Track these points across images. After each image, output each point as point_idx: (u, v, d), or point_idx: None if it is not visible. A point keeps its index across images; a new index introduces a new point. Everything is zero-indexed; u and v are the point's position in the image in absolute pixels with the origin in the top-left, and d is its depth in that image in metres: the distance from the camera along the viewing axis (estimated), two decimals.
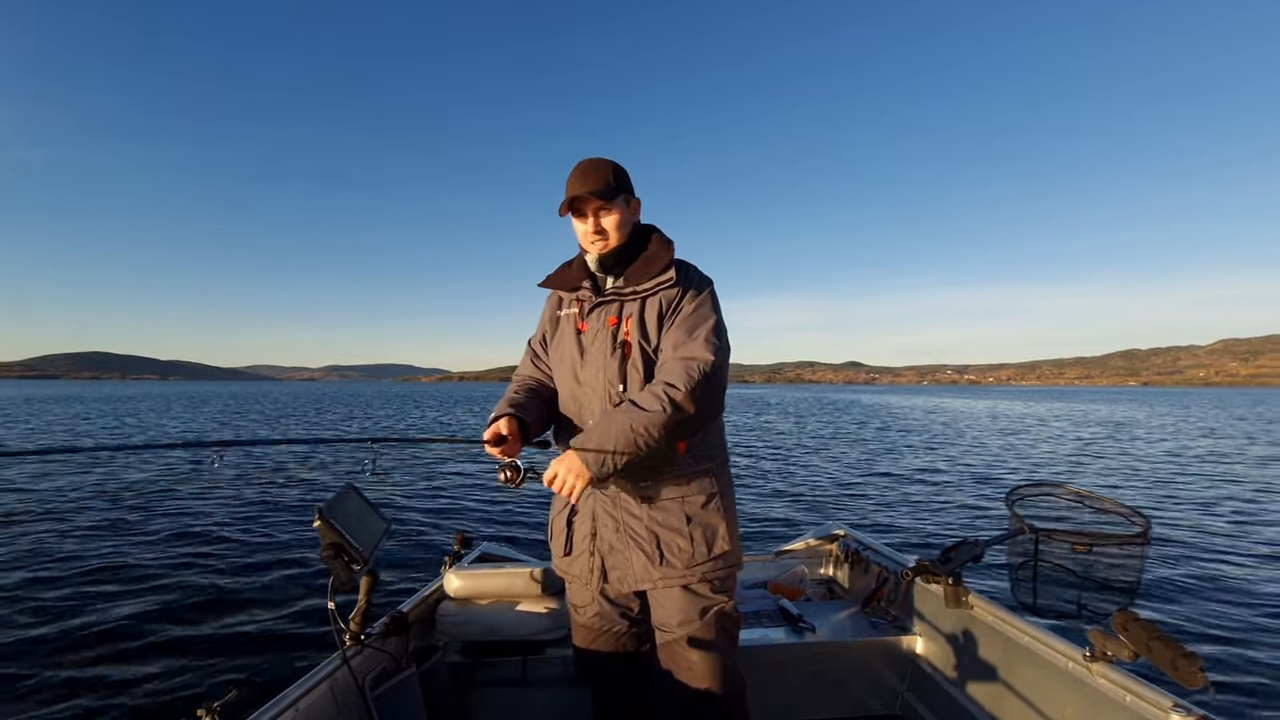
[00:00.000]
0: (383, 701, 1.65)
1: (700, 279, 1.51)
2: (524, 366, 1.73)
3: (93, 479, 9.52)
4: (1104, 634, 1.49)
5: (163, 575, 4.89)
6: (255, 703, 1.35)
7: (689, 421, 1.34)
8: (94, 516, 6.87)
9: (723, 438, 1.58)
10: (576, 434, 1.44)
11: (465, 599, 2.14)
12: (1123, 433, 20.35)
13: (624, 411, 1.35)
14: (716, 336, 1.40)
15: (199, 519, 6.86)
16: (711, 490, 1.49)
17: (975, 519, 7.19)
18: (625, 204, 1.52)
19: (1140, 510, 1.74)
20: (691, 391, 1.32)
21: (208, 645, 3.60)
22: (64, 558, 5.30)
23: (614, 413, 1.38)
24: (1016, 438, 18.23)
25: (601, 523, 1.53)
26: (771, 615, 2.40)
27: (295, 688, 1.45)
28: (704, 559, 1.45)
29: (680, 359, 1.38)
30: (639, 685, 1.66)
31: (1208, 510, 7.64)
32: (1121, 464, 12.32)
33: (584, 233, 1.52)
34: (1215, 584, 4.80)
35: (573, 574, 1.62)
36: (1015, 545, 1.85)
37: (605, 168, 1.50)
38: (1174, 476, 10.56)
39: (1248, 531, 6.56)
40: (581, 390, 1.52)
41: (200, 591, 4.50)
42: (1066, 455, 13.95)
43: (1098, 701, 1.49)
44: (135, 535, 6.12)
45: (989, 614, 1.93)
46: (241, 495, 8.31)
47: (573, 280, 1.59)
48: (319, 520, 1.51)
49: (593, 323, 1.53)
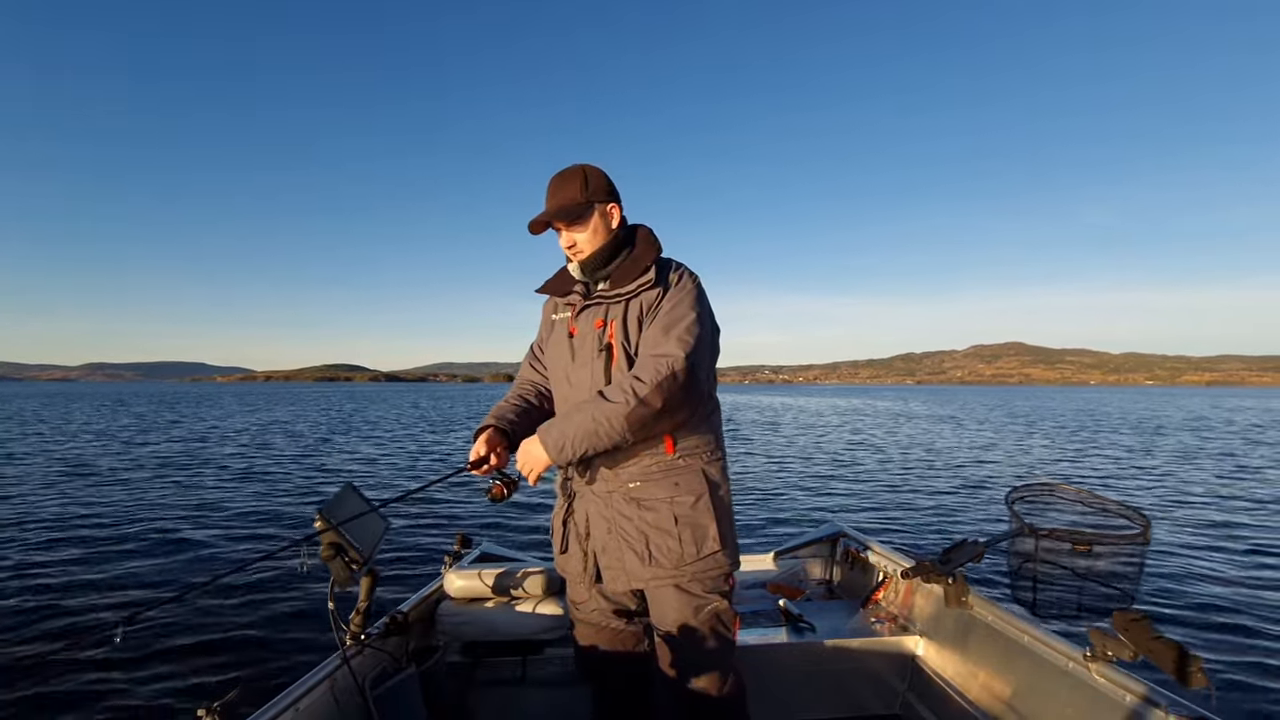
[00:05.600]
0: (383, 701, 1.65)
1: (682, 277, 1.51)
2: (523, 370, 1.78)
3: (87, 481, 9.52)
4: (1104, 634, 1.49)
5: (162, 575, 4.90)
6: (255, 703, 1.35)
7: (653, 416, 1.35)
8: (88, 516, 6.87)
9: (715, 437, 1.56)
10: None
11: (465, 599, 2.14)
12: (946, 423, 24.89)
13: (590, 402, 1.39)
14: (690, 334, 1.40)
15: (199, 518, 6.86)
16: (701, 490, 1.48)
17: (947, 516, 7.25)
18: (597, 214, 1.52)
19: (1140, 510, 1.74)
20: (658, 386, 1.34)
21: (208, 645, 3.60)
22: (63, 558, 5.30)
23: (581, 403, 1.42)
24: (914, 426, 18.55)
25: (594, 522, 1.55)
26: (771, 615, 2.40)
27: (295, 688, 1.45)
28: (693, 559, 1.45)
29: (651, 356, 1.40)
30: (638, 684, 1.66)
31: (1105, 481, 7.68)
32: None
33: (561, 246, 1.56)
34: (1215, 584, 4.80)
35: (569, 571, 1.65)
36: (1015, 545, 1.85)
37: (573, 182, 1.51)
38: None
39: (1247, 531, 6.57)
40: (573, 392, 1.55)
41: (199, 591, 4.51)
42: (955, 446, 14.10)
43: (1098, 701, 1.49)
44: (135, 535, 6.12)
45: (989, 614, 1.93)
46: (242, 495, 8.32)
47: (565, 285, 1.62)
48: (319, 520, 1.51)
49: (582, 325, 1.55)
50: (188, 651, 3.52)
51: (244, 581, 4.62)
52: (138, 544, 5.79)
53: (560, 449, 1.39)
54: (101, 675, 3.23)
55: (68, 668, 3.31)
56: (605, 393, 1.39)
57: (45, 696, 3.06)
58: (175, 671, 3.30)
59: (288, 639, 3.70)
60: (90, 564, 5.14)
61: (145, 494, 8.36)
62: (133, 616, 1.07)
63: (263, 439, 16.66)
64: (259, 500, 8.04)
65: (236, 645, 3.61)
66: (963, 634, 2.02)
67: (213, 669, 3.34)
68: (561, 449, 1.39)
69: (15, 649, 3.53)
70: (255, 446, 14.65)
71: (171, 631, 3.77)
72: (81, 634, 3.43)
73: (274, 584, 4.60)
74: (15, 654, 3.47)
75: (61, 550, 5.54)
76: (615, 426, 1.35)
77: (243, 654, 3.51)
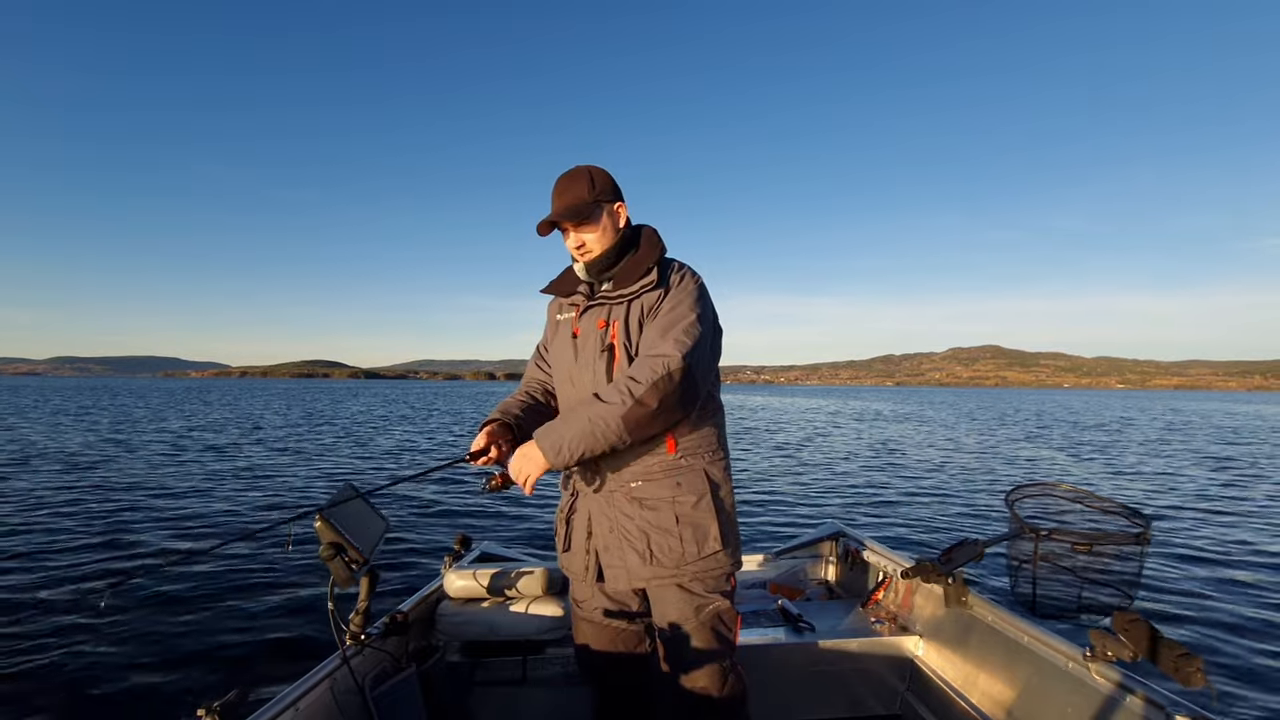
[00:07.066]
0: (383, 701, 1.65)
1: (684, 277, 1.51)
2: (530, 370, 1.79)
3: (77, 476, 9.52)
4: (1104, 634, 1.49)
5: (162, 575, 4.89)
6: (255, 703, 1.35)
7: (650, 417, 1.35)
8: (88, 517, 6.87)
9: (718, 437, 1.57)
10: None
11: (465, 599, 2.14)
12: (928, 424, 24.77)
13: (585, 404, 1.39)
14: (688, 335, 1.40)
15: (198, 518, 6.86)
16: (703, 490, 1.48)
17: (959, 516, 7.24)
18: (605, 213, 1.53)
19: (1140, 510, 1.74)
20: (653, 386, 1.33)
21: (208, 645, 3.60)
22: (61, 558, 5.30)
23: (577, 406, 1.42)
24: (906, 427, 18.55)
25: (596, 521, 1.55)
26: (771, 615, 2.40)
27: (295, 688, 1.45)
28: (694, 559, 1.46)
29: (648, 356, 1.39)
30: (639, 684, 1.66)
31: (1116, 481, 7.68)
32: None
33: (569, 247, 1.56)
34: (1215, 584, 4.80)
35: (572, 570, 1.65)
36: (1015, 545, 1.85)
37: (580, 182, 1.52)
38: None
39: (1248, 532, 6.57)
40: (575, 392, 1.56)
41: (200, 591, 4.50)
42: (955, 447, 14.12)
43: (1098, 701, 1.49)
44: (134, 535, 6.12)
45: (989, 614, 1.93)
46: (241, 494, 8.31)
47: (570, 285, 1.63)
48: (319, 520, 1.50)
49: (585, 326, 1.55)
50: (188, 651, 3.52)
51: (244, 582, 4.63)
52: (127, 531, 5.79)
53: (557, 452, 1.38)
54: (101, 675, 3.23)
55: (68, 668, 3.31)
56: (601, 394, 1.39)
57: (45, 696, 3.05)
58: (175, 671, 3.29)
59: (287, 639, 3.69)
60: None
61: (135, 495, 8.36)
62: (120, 583, 1.06)
63: (248, 436, 16.58)
64: (249, 497, 8.04)
65: (236, 645, 3.61)
66: (963, 634, 2.02)
67: (213, 669, 3.33)
68: (558, 452, 1.38)
69: (15, 649, 3.52)
70: (239, 444, 14.64)
71: (172, 631, 3.77)
72: (68, 603, 3.34)
73: (274, 584, 4.60)
74: (15, 655, 3.47)
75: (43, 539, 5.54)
76: (611, 428, 1.34)
77: (243, 653, 3.51)
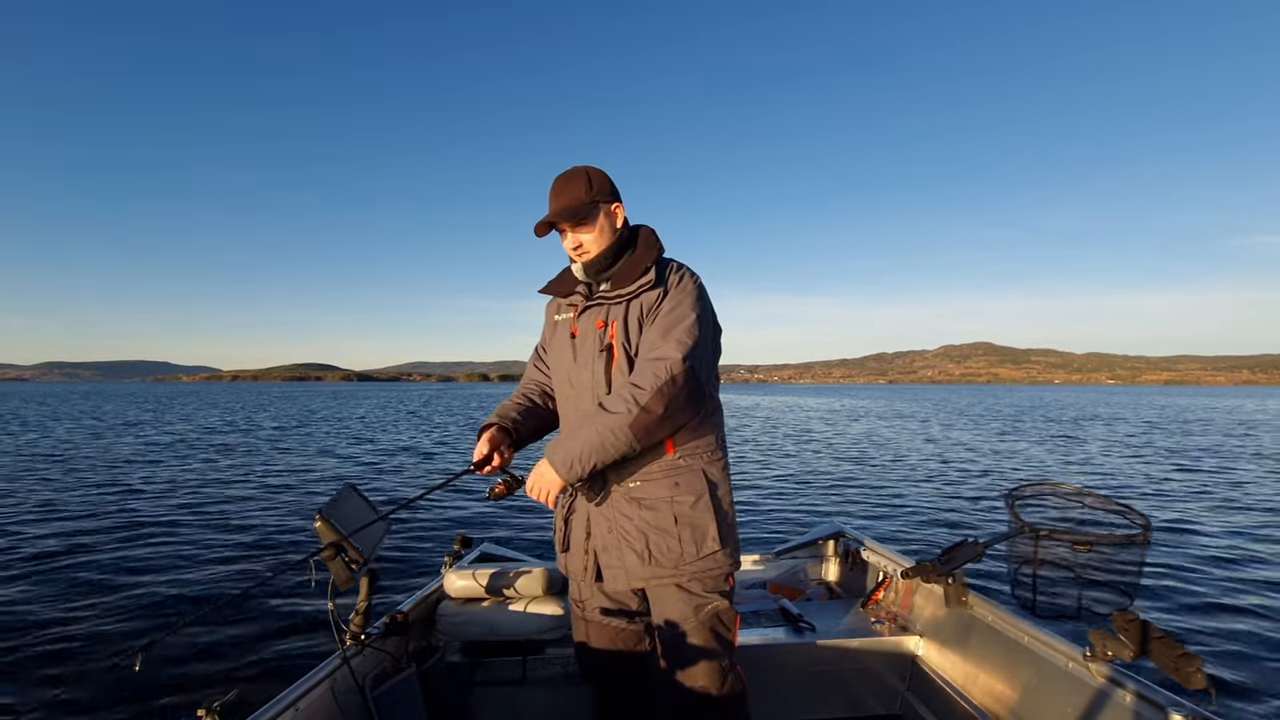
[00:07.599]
0: (383, 701, 1.65)
1: (683, 277, 1.51)
2: (529, 371, 1.79)
3: (84, 477, 9.52)
4: (1104, 634, 1.49)
5: (162, 575, 4.89)
6: (255, 703, 1.35)
7: (657, 422, 1.35)
8: (86, 517, 6.87)
9: (717, 436, 1.56)
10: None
11: (465, 599, 2.14)
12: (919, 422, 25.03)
13: (593, 416, 1.39)
14: (689, 335, 1.39)
15: (197, 518, 6.86)
16: (701, 490, 1.48)
17: (964, 515, 7.23)
18: (602, 214, 1.53)
19: (1140, 510, 1.74)
20: (658, 391, 1.33)
21: (208, 645, 3.60)
22: (60, 560, 5.30)
23: (584, 419, 1.42)
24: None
25: (595, 522, 1.54)
26: (771, 615, 2.40)
27: (295, 688, 1.45)
28: (693, 559, 1.46)
29: (649, 360, 1.39)
30: (639, 684, 1.66)
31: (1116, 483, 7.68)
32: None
33: (566, 248, 1.56)
34: (1215, 584, 4.80)
35: (571, 570, 1.64)
36: (1015, 545, 1.85)
37: (577, 183, 1.51)
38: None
39: (1247, 532, 6.56)
40: (574, 393, 1.55)
41: (200, 591, 4.50)
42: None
43: (1098, 701, 1.49)
44: (133, 535, 6.12)
45: (989, 614, 1.93)
46: (241, 494, 8.31)
47: (568, 286, 1.62)
48: (319, 520, 1.51)
49: (583, 326, 1.55)
50: (187, 651, 3.51)
51: (244, 581, 4.63)
52: (133, 551, 5.79)
53: (569, 467, 1.39)
54: (101, 675, 3.23)
55: (66, 666, 3.32)
56: (606, 404, 1.38)
57: (44, 696, 3.06)
58: (175, 671, 3.29)
59: (288, 639, 3.69)
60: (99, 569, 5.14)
61: (137, 498, 8.36)
62: (150, 645, 1.08)
63: (246, 441, 16.57)
64: (261, 505, 8.04)
65: (236, 645, 3.61)
66: (963, 634, 2.02)
67: (213, 669, 3.33)
68: (570, 466, 1.39)
69: (14, 649, 3.53)
70: (239, 448, 14.64)
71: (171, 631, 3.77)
72: (99, 658, 3.42)
73: (274, 585, 4.60)
74: (15, 654, 3.47)
75: (64, 561, 5.54)
76: (621, 437, 1.34)
77: (243, 654, 3.51)
